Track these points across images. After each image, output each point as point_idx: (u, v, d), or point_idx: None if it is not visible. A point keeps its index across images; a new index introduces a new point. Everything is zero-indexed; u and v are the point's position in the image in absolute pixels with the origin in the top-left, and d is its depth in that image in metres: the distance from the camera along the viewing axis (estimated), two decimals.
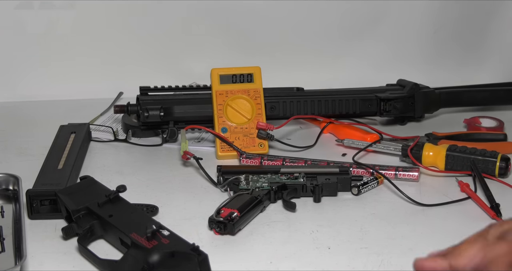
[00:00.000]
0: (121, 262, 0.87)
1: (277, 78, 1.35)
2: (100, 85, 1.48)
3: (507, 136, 1.24)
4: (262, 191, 1.04)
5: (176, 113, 1.23)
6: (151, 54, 1.50)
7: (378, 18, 1.53)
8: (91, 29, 1.47)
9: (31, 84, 1.48)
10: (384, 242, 0.95)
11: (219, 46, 1.51)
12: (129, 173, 1.15)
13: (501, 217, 1.00)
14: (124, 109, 1.25)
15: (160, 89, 1.27)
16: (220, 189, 1.09)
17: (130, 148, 1.25)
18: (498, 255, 0.75)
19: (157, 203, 1.03)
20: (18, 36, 1.45)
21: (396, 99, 1.30)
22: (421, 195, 1.07)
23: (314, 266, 0.90)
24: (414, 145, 1.16)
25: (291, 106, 1.26)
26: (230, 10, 1.48)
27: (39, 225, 0.99)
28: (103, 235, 0.95)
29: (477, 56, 1.55)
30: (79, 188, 0.99)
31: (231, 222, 0.96)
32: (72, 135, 1.20)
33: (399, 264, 0.90)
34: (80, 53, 1.48)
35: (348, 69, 1.54)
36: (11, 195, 1.04)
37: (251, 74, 1.24)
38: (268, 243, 0.95)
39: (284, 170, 1.10)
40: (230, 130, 1.21)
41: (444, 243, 0.94)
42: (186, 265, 0.84)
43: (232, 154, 1.19)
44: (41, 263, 0.91)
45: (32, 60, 1.47)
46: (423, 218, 1.01)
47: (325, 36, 1.54)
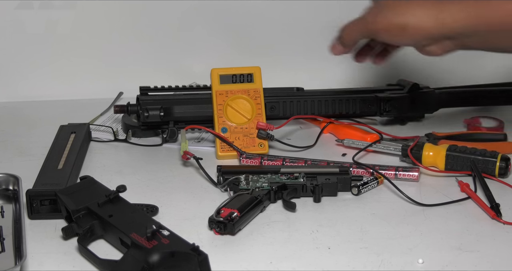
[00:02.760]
0: (121, 262, 0.87)
1: (277, 78, 1.35)
2: (100, 85, 1.48)
3: (507, 136, 1.24)
4: (262, 191, 1.04)
5: (176, 113, 1.23)
6: (151, 54, 1.50)
7: None
8: (91, 29, 1.47)
9: (31, 84, 1.48)
10: (384, 242, 0.95)
11: (219, 46, 1.51)
12: (129, 173, 1.15)
13: (501, 217, 1.00)
14: (124, 109, 1.25)
15: (160, 89, 1.27)
16: (220, 189, 1.09)
17: (130, 148, 1.25)
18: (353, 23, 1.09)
19: (157, 203, 1.03)
20: (18, 36, 1.45)
21: (396, 99, 1.30)
22: (421, 195, 1.07)
23: (314, 266, 0.90)
24: (414, 145, 1.16)
25: (291, 106, 1.26)
26: (230, 10, 1.48)
27: (39, 225, 0.99)
28: (103, 235, 0.95)
29: (477, 56, 1.55)
30: (79, 188, 0.99)
31: (231, 222, 0.96)
32: (72, 135, 1.20)
33: (399, 264, 0.90)
34: (80, 53, 1.48)
35: (348, 69, 1.54)
36: (11, 195, 1.04)
37: (251, 74, 1.24)
38: (268, 243, 0.95)
39: (284, 170, 1.10)
40: (230, 130, 1.21)
41: (444, 243, 0.95)
42: (186, 265, 0.84)
43: (232, 154, 1.19)
44: (41, 263, 0.91)
45: (32, 60, 1.47)
46: (423, 218, 1.01)
47: (325, 36, 1.54)
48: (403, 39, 1.05)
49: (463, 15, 1.00)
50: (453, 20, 1.00)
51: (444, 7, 1.01)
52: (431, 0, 1.01)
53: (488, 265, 0.90)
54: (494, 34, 1.01)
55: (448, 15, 1.00)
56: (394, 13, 1.03)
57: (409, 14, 1.02)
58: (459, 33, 1.02)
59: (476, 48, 1.07)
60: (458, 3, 1.00)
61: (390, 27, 1.04)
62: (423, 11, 1.01)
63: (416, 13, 1.02)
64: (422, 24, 1.01)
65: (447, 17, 1.00)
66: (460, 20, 1.00)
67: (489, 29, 1.00)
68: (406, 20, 1.02)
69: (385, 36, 1.06)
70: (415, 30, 1.02)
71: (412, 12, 1.02)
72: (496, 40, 1.03)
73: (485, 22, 1.00)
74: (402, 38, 1.05)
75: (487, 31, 1.01)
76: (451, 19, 1.00)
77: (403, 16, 1.02)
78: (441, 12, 1.00)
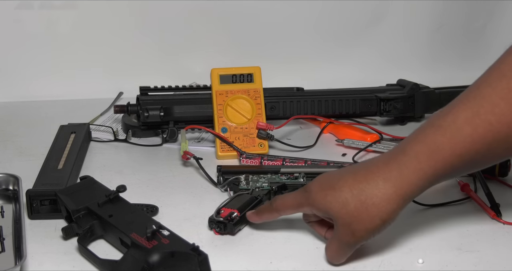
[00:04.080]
0: (121, 262, 0.87)
1: (277, 78, 1.35)
2: (100, 85, 1.48)
3: None
4: (262, 191, 1.04)
5: (176, 113, 1.23)
6: (151, 54, 1.50)
7: (378, 18, 1.53)
8: (91, 29, 1.47)
9: (31, 84, 1.48)
10: (384, 242, 0.95)
11: (219, 46, 1.51)
12: (129, 173, 1.15)
13: (501, 217, 1.00)
14: (124, 109, 1.25)
15: (160, 89, 1.27)
16: (220, 189, 1.09)
17: (130, 148, 1.25)
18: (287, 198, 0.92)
19: (157, 203, 1.03)
20: (18, 36, 1.45)
21: (396, 99, 1.30)
22: (421, 195, 1.07)
23: (314, 266, 0.90)
24: None
25: (291, 106, 1.26)
26: (231, 10, 1.48)
27: (39, 225, 0.99)
28: (103, 235, 0.95)
29: (477, 56, 1.55)
30: (79, 188, 0.99)
31: (231, 222, 0.96)
32: (72, 135, 1.20)
33: (399, 264, 0.90)
34: (80, 53, 1.48)
35: (348, 69, 1.54)
36: (11, 195, 1.04)
37: (251, 74, 1.24)
38: (268, 243, 0.95)
39: (284, 170, 1.10)
40: (230, 130, 1.21)
41: (444, 243, 0.95)
42: (186, 265, 0.84)
43: (232, 154, 1.19)
44: (41, 263, 0.91)
45: (32, 60, 1.47)
46: (423, 218, 1.01)
47: (325, 36, 1.54)
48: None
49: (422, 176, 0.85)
50: (419, 188, 0.86)
51: (402, 183, 0.85)
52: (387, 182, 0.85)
53: (488, 265, 0.90)
54: (468, 166, 0.86)
55: (408, 185, 0.85)
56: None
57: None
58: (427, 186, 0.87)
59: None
60: (410, 164, 0.84)
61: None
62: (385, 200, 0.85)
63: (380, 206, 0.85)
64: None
65: (407, 188, 0.85)
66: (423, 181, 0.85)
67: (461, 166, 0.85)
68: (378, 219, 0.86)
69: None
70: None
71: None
72: (473, 167, 0.89)
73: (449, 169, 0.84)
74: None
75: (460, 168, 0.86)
76: (418, 190, 0.86)
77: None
78: (401, 189, 0.85)
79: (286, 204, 0.92)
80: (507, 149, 0.83)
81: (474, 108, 0.82)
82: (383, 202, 0.85)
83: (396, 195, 0.85)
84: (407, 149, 0.85)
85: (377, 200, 0.85)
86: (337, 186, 0.87)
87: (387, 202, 0.85)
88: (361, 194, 0.85)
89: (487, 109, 0.81)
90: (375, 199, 0.85)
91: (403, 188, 0.85)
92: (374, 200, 0.85)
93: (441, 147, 0.83)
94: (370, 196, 0.85)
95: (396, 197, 0.85)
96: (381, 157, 0.88)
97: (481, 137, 0.82)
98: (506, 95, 0.80)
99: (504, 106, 0.81)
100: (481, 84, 0.84)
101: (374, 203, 0.85)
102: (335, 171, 0.90)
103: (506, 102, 0.80)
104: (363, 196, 0.85)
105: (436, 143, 0.83)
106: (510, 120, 0.81)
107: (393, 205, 0.85)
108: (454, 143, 0.83)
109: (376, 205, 0.85)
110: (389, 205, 0.85)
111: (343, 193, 0.86)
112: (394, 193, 0.85)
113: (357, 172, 0.87)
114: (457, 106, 0.84)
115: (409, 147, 0.85)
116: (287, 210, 0.93)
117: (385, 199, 0.85)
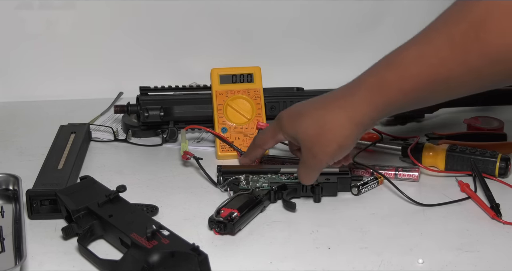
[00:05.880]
0: (121, 262, 0.87)
1: (277, 78, 1.35)
2: (100, 85, 1.48)
3: (507, 136, 1.24)
4: (262, 191, 1.04)
5: (176, 113, 1.23)
6: (151, 54, 1.50)
7: (378, 18, 1.53)
8: (90, 29, 1.47)
9: (31, 84, 1.48)
10: (384, 242, 0.95)
11: (219, 46, 1.51)
12: (129, 173, 1.15)
13: (501, 217, 1.00)
14: (124, 109, 1.25)
15: (160, 89, 1.27)
16: (220, 189, 1.09)
17: (130, 148, 1.25)
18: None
19: (157, 203, 1.03)
20: (18, 36, 1.45)
21: None
22: (421, 195, 1.07)
23: (314, 266, 0.90)
24: (414, 145, 1.16)
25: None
26: (230, 10, 1.48)
27: (39, 225, 0.99)
28: (103, 235, 0.95)
29: None
30: (79, 188, 0.99)
31: (231, 222, 0.96)
32: (72, 135, 1.20)
33: (399, 264, 0.90)
34: (79, 53, 1.48)
35: (349, 69, 1.53)
36: (11, 195, 1.04)
37: (251, 74, 1.24)
38: (268, 243, 0.95)
39: (284, 170, 1.10)
40: (230, 131, 1.21)
41: (444, 243, 0.95)
42: (186, 265, 0.84)
43: (232, 154, 1.19)
44: (41, 263, 0.91)
45: (31, 60, 1.47)
46: (423, 218, 1.01)
47: (325, 36, 1.54)
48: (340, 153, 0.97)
49: (373, 106, 0.91)
50: (370, 118, 0.93)
51: (355, 112, 0.92)
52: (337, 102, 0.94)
53: (488, 265, 0.90)
54: (420, 98, 0.91)
55: (360, 114, 0.92)
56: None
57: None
58: (380, 118, 0.94)
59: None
60: (362, 95, 0.92)
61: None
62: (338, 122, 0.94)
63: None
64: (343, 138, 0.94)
65: (359, 117, 0.93)
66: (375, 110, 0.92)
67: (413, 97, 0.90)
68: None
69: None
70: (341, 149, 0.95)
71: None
72: (423, 101, 0.93)
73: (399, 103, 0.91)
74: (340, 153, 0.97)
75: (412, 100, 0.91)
76: (369, 119, 0.93)
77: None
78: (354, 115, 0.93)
79: (265, 137, 1.06)
80: (447, 90, 0.88)
81: (421, 50, 0.87)
82: (338, 128, 0.93)
83: (349, 122, 0.92)
84: (362, 80, 0.93)
85: (333, 125, 0.93)
86: (301, 113, 0.97)
87: (342, 128, 0.93)
88: (320, 120, 0.94)
89: (432, 53, 0.86)
90: (330, 124, 0.93)
91: (356, 116, 0.92)
92: (330, 126, 0.93)
93: (390, 82, 0.90)
94: (327, 122, 0.94)
95: (349, 124, 0.92)
96: (341, 88, 0.96)
97: (424, 77, 0.87)
98: (450, 41, 0.84)
99: (446, 52, 0.85)
100: (432, 26, 0.88)
101: (330, 128, 0.93)
102: (303, 101, 1.00)
103: (449, 48, 0.84)
104: (322, 122, 0.94)
105: (386, 78, 0.90)
106: (451, 65, 0.85)
107: (347, 130, 0.93)
108: (401, 80, 0.89)
109: (331, 130, 0.93)
110: (344, 131, 0.93)
111: (305, 119, 0.96)
112: (348, 120, 0.92)
113: (319, 101, 0.97)
114: (408, 46, 0.89)
115: (363, 79, 0.93)
116: (267, 141, 1.06)
117: (340, 125, 0.93)
